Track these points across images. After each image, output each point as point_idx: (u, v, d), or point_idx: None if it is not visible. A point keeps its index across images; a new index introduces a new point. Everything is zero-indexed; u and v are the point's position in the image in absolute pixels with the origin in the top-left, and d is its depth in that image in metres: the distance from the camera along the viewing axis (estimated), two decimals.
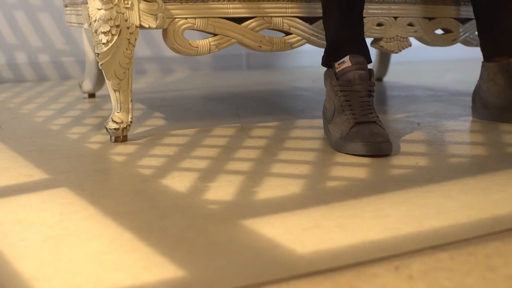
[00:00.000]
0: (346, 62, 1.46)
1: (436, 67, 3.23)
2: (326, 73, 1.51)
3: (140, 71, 2.79)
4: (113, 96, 1.47)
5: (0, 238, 0.86)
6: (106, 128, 1.46)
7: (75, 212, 0.97)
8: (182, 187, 1.10)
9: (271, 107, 1.93)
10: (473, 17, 1.85)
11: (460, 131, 1.59)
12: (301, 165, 1.26)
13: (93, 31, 1.41)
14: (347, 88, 1.44)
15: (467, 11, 1.84)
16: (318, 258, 0.79)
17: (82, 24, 1.61)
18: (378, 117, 1.40)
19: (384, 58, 2.53)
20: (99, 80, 2.05)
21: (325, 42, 1.63)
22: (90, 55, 2.03)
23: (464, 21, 1.86)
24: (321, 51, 1.55)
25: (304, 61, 3.00)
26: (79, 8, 1.65)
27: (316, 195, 1.07)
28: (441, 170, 1.23)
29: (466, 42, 1.86)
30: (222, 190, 1.09)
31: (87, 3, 1.44)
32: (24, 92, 2.32)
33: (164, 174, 1.18)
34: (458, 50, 2.54)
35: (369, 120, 1.38)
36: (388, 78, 2.60)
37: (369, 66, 2.74)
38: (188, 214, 0.97)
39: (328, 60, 1.51)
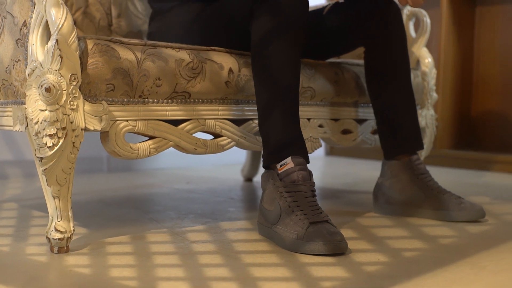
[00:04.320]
0: (288, 163, 1.48)
1: None
2: (266, 175, 1.52)
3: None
4: (51, 204, 1.35)
5: None
6: (48, 238, 1.34)
7: None
8: None
9: (178, 210, 1.88)
10: (369, 118, 1.98)
11: (379, 227, 1.66)
12: (277, 268, 1.25)
13: (33, 134, 1.31)
14: (293, 189, 1.46)
15: (364, 112, 1.96)
16: None
17: (4, 126, 1.48)
18: (328, 216, 1.43)
19: (256, 158, 2.59)
20: None
21: (252, 144, 1.66)
22: None
23: (360, 122, 1.98)
24: (173, 153, 1.56)
25: (161, 163, 2.98)
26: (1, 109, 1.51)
27: None
28: (407, 265, 1.29)
29: (363, 143, 1.98)
30: None
31: (24, 104, 1.34)
32: None
33: (154, 286, 1.11)
34: None
35: (322, 219, 1.41)
36: (258, 178, 2.65)
37: (240, 165, 2.80)
38: None
39: (270, 162, 1.52)
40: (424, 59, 2.18)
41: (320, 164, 3.42)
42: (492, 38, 3.27)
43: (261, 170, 2.62)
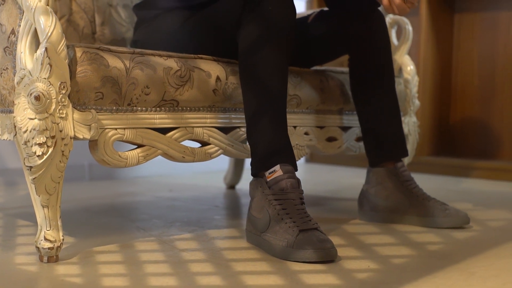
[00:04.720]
0: (277, 171, 1.49)
1: None
2: (255, 182, 1.52)
3: None
4: (40, 213, 1.34)
5: None
6: (38, 248, 1.33)
7: None
8: None
9: (164, 218, 1.88)
10: (353, 125, 1.99)
11: (366, 234, 1.67)
12: (269, 276, 1.25)
13: (21, 142, 1.30)
14: (282, 197, 1.46)
15: (349, 119, 1.97)
16: None
17: None
18: (317, 223, 1.44)
19: (238, 166, 2.59)
20: None
21: (239, 152, 1.66)
22: None
23: (345, 129, 1.99)
24: (154, 161, 1.57)
25: (143, 171, 2.97)
26: None
27: None
28: (397, 271, 1.30)
29: (348, 150, 1.99)
30: None
31: (12, 112, 1.33)
32: None
33: None
34: None
35: (311, 227, 1.41)
36: (241, 185, 2.65)
37: (223, 172, 2.80)
38: None
39: (259, 170, 1.52)
40: (407, 66, 2.20)
41: (300, 171, 3.42)
42: (470, 46, 3.31)
43: (244, 177, 2.62)
